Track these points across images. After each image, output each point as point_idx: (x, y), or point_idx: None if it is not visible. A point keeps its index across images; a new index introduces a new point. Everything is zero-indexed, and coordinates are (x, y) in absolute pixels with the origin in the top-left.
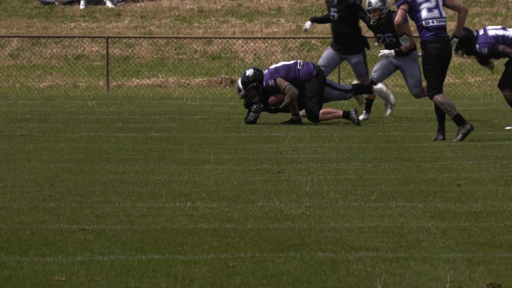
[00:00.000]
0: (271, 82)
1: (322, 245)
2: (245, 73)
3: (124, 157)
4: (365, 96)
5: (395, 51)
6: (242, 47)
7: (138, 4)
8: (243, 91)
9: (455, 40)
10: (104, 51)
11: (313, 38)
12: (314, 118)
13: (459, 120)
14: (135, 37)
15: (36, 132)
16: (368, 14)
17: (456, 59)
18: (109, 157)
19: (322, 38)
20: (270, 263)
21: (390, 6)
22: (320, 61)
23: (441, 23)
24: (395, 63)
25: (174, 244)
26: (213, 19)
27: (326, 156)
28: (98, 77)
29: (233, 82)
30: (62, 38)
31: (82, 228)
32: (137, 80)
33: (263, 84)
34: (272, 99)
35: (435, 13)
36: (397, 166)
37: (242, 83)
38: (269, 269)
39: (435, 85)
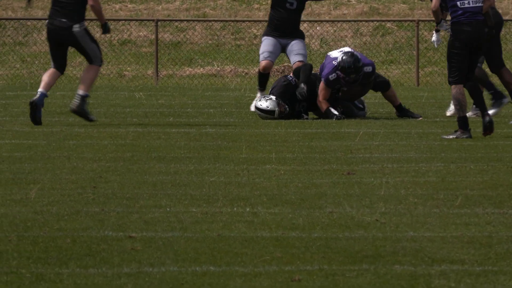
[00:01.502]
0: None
1: (399, 257)
2: (352, 55)
3: (175, 155)
4: None
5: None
6: (308, 31)
7: None
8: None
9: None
10: (153, 36)
11: (388, 21)
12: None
13: (463, 123)
14: (187, 20)
15: (77, 127)
16: None
17: None
18: (159, 155)
19: (399, 21)
20: (340, 277)
21: None
22: (267, 48)
23: (477, 5)
24: None
25: (232, 255)
26: None
27: (403, 155)
28: (146, 66)
29: None
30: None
31: (129, 235)
32: (190, 69)
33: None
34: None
35: None
36: (485, 167)
37: (355, 66)
38: (339, 283)
39: (457, 73)
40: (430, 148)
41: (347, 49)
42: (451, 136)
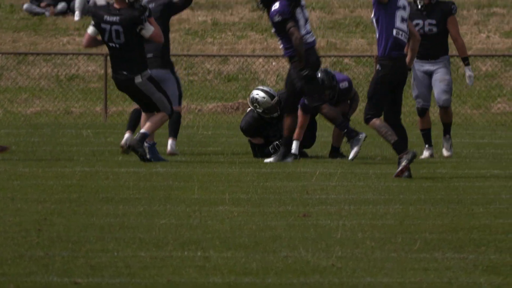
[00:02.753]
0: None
1: None
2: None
3: (124, 196)
4: (419, 126)
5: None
6: (263, 66)
7: None
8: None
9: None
10: (102, 71)
11: (346, 56)
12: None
13: (400, 147)
14: None
15: (21, 166)
16: None
17: None
18: (107, 196)
19: (357, 56)
20: None
21: None
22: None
23: (405, 40)
24: (424, 71)
25: None
26: (230, 33)
27: (360, 196)
28: (94, 102)
29: None
30: (53, 55)
31: (74, 281)
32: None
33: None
34: None
35: (405, 26)
36: (444, 210)
37: (329, 83)
38: None
39: (377, 109)
40: (388, 190)
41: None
42: (402, 164)
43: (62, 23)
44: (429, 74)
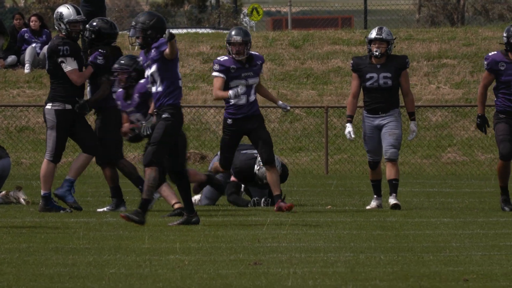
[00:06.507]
0: None
1: None
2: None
3: (74, 246)
4: (370, 177)
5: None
6: (215, 117)
7: None
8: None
9: None
10: None
11: (297, 107)
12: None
13: (145, 206)
14: None
15: None
16: (369, 45)
17: (464, 133)
18: (57, 246)
19: (307, 107)
20: None
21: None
22: None
23: None
24: (375, 125)
25: None
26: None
27: (311, 244)
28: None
29: (203, 158)
30: (3, 108)
31: None
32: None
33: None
34: None
35: None
36: (395, 258)
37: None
38: None
39: (160, 154)
40: (339, 238)
41: None
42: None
43: (12, 75)
44: (379, 128)
